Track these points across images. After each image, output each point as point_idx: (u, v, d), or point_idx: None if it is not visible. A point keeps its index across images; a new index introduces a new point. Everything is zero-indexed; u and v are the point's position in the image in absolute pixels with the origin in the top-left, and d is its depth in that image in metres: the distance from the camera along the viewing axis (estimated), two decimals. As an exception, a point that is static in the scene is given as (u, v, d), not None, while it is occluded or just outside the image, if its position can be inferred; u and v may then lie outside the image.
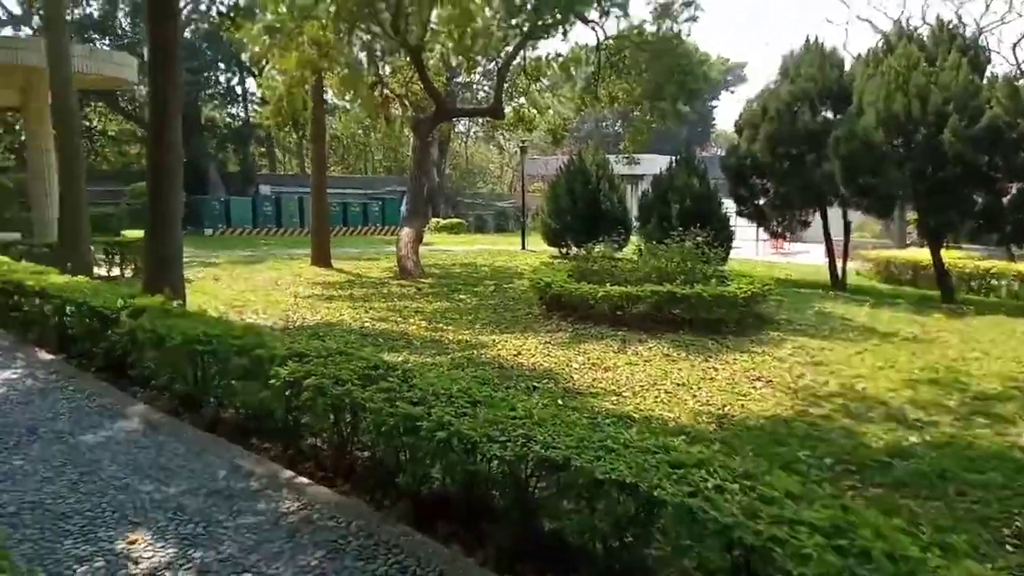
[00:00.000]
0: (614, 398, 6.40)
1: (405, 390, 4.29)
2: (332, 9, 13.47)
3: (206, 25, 27.43)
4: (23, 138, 17.23)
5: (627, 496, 3.09)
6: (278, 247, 22.30)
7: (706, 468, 3.16)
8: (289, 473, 4.39)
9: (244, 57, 27.02)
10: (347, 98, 18.55)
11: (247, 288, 12.76)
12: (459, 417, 3.75)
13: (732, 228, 16.74)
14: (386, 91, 16.72)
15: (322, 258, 16.58)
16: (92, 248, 12.43)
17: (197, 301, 10.73)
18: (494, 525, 3.73)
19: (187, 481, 4.19)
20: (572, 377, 7.05)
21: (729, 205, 17.13)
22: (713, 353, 8.13)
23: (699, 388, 6.77)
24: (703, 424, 5.78)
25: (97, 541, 3.47)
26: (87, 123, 26.91)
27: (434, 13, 15.25)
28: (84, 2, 25.58)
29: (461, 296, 12.40)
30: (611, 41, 15.81)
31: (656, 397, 6.46)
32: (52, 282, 7.53)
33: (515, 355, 7.94)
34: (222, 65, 28.01)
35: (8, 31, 23.04)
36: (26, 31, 23.32)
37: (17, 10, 24.93)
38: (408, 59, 15.26)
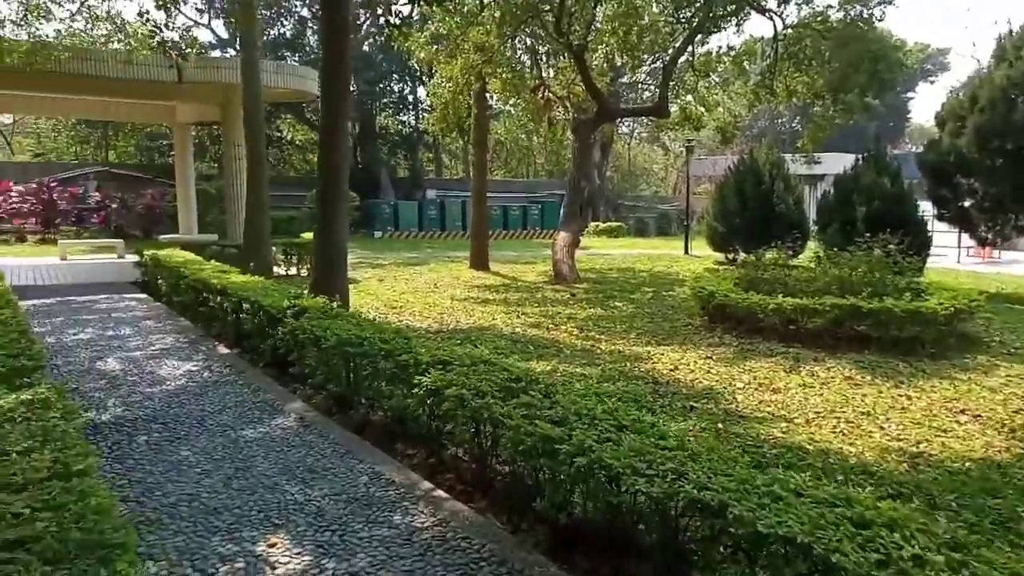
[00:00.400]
0: (783, 425, 5.71)
1: (547, 407, 4.02)
2: (496, 14, 13.59)
3: (383, 38, 29.06)
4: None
5: (796, 557, 2.58)
6: (440, 250, 23.06)
7: (901, 531, 2.57)
8: (428, 485, 4.27)
9: (415, 65, 28.38)
10: (510, 103, 18.74)
11: (407, 290, 13.18)
12: (602, 443, 3.40)
13: (929, 234, 14.83)
14: (548, 93, 16.64)
15: (480, 261, 16.84)
16: (274, 249, 13.46)
17: (360, 302, 11.22)
18: (639, 564, 3.35)
19: (330, 484, 4.19)
20: (735, 398, 6.41)
21: (926, 208, 15.21)
22: (905, 378, 7.09)
23: (887, 419, 5.87)
24: (892, 463, 4.97)
25: (241, 541, 3.52)
26: (278, 133, 29.58)
27: (598, 12, 14.94)
28: (279, 23, 28.09)
29: (616, 303, 11.97)
30: (790, 31, 14.61)
31: (834, 427, 5.67)
32: (232, 281, 8.11)
33: (672, 370, 7.41)
34: (396, 75, 29.56)
35: (216, 53, 25.82)
36: (231, 52, 25.94)
37: (224, 34, 27.90)
38: (571, 60, 15.07)
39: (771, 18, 14.43)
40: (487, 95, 16.86)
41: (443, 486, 4.34)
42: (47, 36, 11.70)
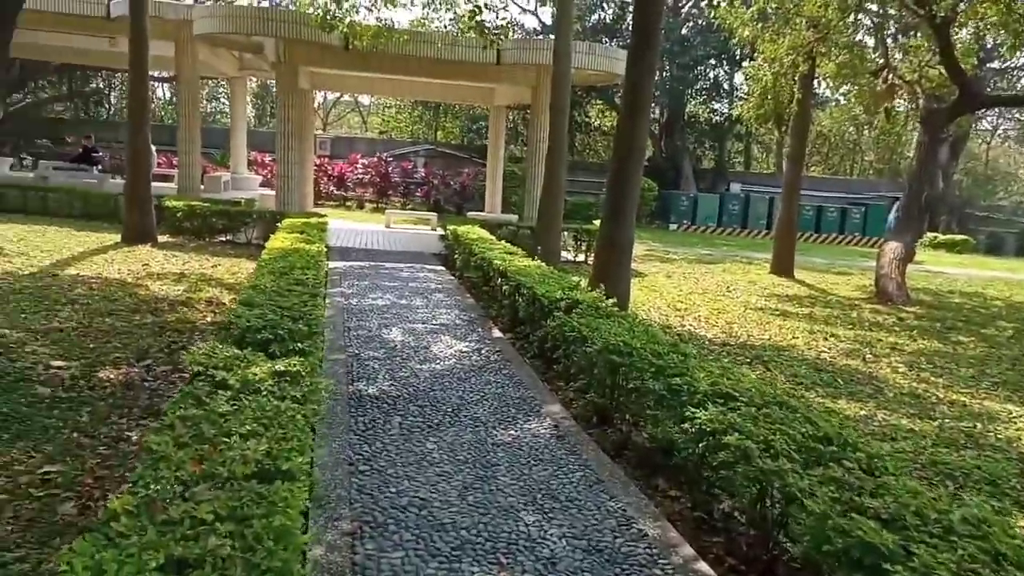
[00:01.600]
0: None
1: (868, 489, 2.88)
2: (840, -18, 11.66)
3: (702, 22, 27.63)
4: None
5: None
6: (739, 249, 21.29)
7: None
8: (689, 552, 3.38)
9: (734, 48, 26.49)
10: (841, 89, 16.31)
11: (695, 290, 12.09)
12: (964, 583, 2.22)
13: None
14: (892, 78, 14.04)
15: (783, 266, 14.98)
16: (564, 234, 13.32)
17: (641, 298, 10.48)
18: None
19: (570, 522, 3.53)
20: None
21: None
22: None
23: None
24: None
25: (460, 573, 3.03)
26: (586, 119, 29.94)
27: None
28: (600, 8, 28.20)
29: (960, 337, 9.57)
30: None
31: None
32: (513, 264, 7.92)
33: (1047, 444, 5.43)
34: (712, 60, 27.92)
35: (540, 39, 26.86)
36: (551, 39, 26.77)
37: (549, 21, 28.86)
38: (929, 37, 12.43)
39: None
40: (814, 80, 14.80)
41: (708, 554, 3.43)
42: (391, 20, 12.78)
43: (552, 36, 14.18)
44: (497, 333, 7.43)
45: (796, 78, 13.91)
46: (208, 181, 19.52)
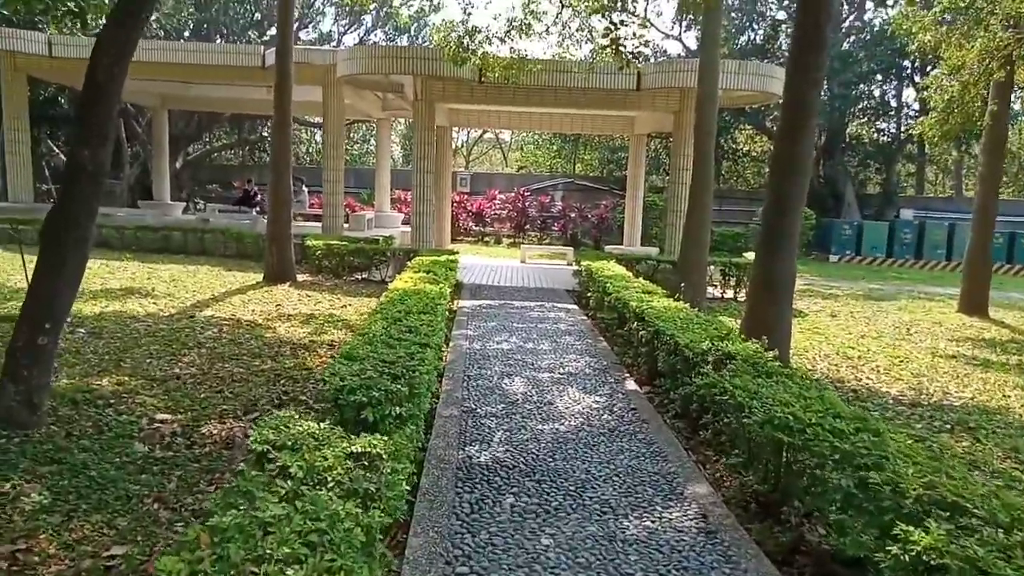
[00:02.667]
0: None
1: None
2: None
3: (866, 35, 25.27)
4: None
5: None
6: (915, 283, 18.81)
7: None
8: None
9: (902, 62, 23.96)
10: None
11: (867, 332, 10.46)
12: None
13: None
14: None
15: (975, 303, 12.80)
16: (711, 268, 12.16)
17: (804, 343, 9.12)
18: None
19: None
20: None
21: None
22: None
23: None
24: None
25: None
26: (733, 145, 28.21)
27: None
28: (750, 27, 26.62)
29: None
30: None
31: None
32: (652, 306, 7.01)
33: None
34: (879, 76, 25.36)
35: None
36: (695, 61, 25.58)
37: (694, 45, 27.67)
38: None
39: None
40: (1013, 88, 12.70)
41: None
42: (524, 51, 12.39)
43: (696, 59, 13.25)
44: (632, 385, 6.53)
45: (989, 87, 11.97)
46: (353, 219, 20.15)
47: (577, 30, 12.91)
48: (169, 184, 23.70)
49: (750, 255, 14.73)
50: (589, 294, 10.64)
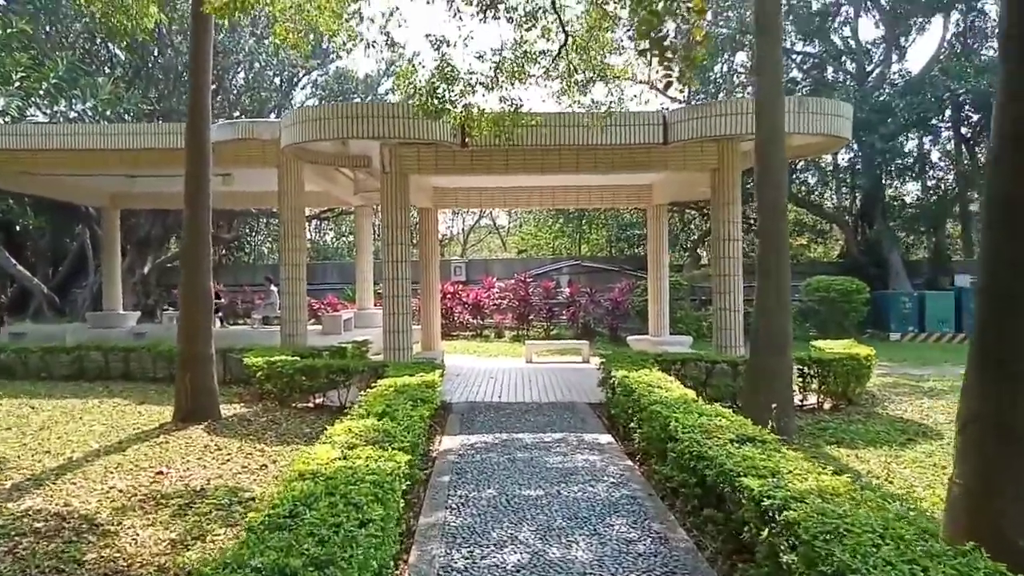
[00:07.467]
0: None
1: None
2: None
3: (900, 83, 22.76)
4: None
5: None
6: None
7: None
8: None
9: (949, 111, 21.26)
10: None
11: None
12: None
13: None
14: None
15: None
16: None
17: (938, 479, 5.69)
18: None
19: None
20: None
21: None
22: None
23: None
24: None
25: None
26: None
27: None
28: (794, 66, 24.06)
29: None
30: None
31: None
32: (787, 490, 3.66)
33: None
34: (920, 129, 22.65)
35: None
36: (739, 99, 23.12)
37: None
38: None
39: None
40: None
41: None
42: (518, 100, 9.53)
43: (739, 99, 10.43)
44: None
45: None
46: (327, 322, 17.02)
47: (586, 71, 10.09)
48: (123, 291, 20.73)
49: (828, 344, 11.44)
50: (630, 424, 7.27)
